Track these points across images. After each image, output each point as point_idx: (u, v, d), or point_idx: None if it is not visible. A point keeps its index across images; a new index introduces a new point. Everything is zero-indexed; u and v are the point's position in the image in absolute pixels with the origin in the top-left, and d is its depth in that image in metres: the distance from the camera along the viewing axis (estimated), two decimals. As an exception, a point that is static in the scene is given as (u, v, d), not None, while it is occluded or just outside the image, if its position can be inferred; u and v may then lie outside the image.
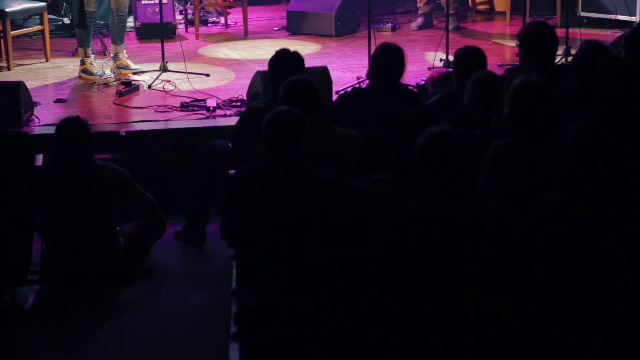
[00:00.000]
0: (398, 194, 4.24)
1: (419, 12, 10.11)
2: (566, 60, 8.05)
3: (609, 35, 9.32)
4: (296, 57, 5.84)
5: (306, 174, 4.54)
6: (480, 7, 10.63)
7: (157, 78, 8.28)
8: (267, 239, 4.50)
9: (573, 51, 7.92)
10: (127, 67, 8.58)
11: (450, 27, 9.53)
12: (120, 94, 7.94)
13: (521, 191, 4.35)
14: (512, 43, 9.15)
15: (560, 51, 5.89)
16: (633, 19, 9.50)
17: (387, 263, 3.91)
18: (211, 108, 7.52)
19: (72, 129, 5.71)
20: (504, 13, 10.30)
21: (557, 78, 5.54)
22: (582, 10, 9.89)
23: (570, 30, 8.67)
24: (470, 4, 10.54)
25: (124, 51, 8.64)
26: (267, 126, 4.55)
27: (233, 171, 4.89)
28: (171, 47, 9.01)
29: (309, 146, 4.58)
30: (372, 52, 6.48)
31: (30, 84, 7.80)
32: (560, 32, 7.28)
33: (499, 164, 4.53)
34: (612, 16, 9.68)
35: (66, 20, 10.01)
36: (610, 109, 4.81)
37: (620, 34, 8.57)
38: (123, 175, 5.86)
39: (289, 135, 4.49)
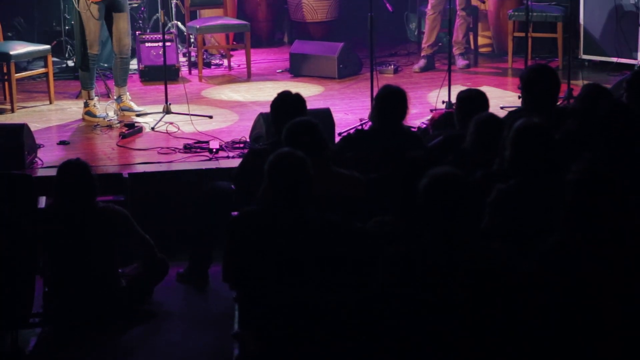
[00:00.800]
0: (400, 236, 4.24)
1: (422, 54, 10.16)
2: (568, 102, 8.07)
3: (610, 78, 9.35)
4: (298, 99, 5.85)
5: (308, 216, 4.53)
6: (482, 50, 10.68)
7: (160, 120, 8.30)
8: (269, 281, 4.49)
9: (575, 94, 7.94)
10: (130, 109, 8.61)
11: (462, 65, 9.60)
12: (123, 136, 7.96)
13: (525, 233, 4.34)
14: (514, 85, 9.18)
15: (562, 94, 5.89)
16: (634, 62, 9.54)
17: (390, 306, 3.89)
18: (214, 150, 7.54)
19: (73, 171, 5.71)
20: (506, 55, 10.34)
21: (559, 120, 5.55)
22: (584, 53, 9.93)
23: (572, 72, 8.71)
24: (472, 46, 10.58)
25: (127, 93, 8.68)
26: (269, 168, 4.55)
27: (235, 213, 4.89)
28: (174, 89, 9.04)
29: (312, 188, 4.58)
30: (374, 94, 6.50)
31: (33, 126, 7.83)
32: (562, 74, 7.31)
33: (502, 208, 4.52)
34: (614, 59, 9.72)
35: (70, 63, 10.05)
36: (612, 151, 4.81)
37: (621, 77, 8.60)
38: (124, 217, 5.86)
39: (292, 178, 4.49)
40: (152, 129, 8.20)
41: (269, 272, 4.49)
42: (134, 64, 9.83)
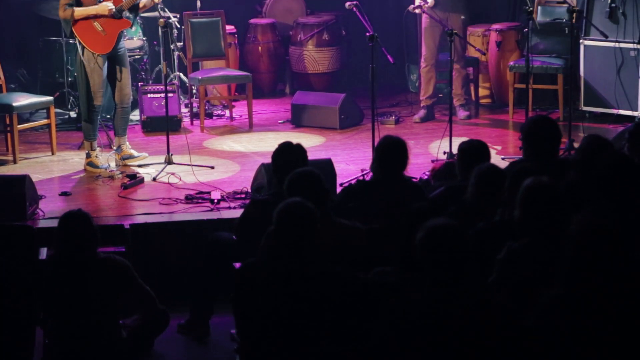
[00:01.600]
0: (402, 287, 4.23)
1: (421, 105, 10.20)
2: (569, 154, 8.08)
3: (611, 129, 9.38)
4: (299, 150, 5.87)
5: (310, 267, 4.52)
6: (483, 101, 10.72)
7: (161, 170, 8.32)
8: (272, 332, 4.47)
9: (576, 145, 7.96)
10: (131, 157, 8.62)
11: (462, 116, 9.62)
12: (125, 187, 7.97)
13: (534, 290, 4.31)
14: (515, 136, 9.20)
15: (563, 145, 5.90)
16: (635, 113, 9.57)
17: (391, 356, 3.87)
18: (215, 200, 7.54)
19: (74, 222, 5.70)
20: (506, 106, 10.38)
21: (561, 172, 5.55)
22: (585, 105, 9.96)
23: (572, 124, 8.74)
24: (473, 97, 10.62)
25: (127, 143, 8.70)
26: (279, 216, 4.53)
27: (237, 264, 4.88)
28: (176, 139, 9.07)
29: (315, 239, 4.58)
30: (375, 144, 6.51)
31: (35, 177, 7.84)
32: (562, 126, 7.33)
33: (513, 266, 4.49)
34: (615, 111, 9.75)
35: (72, 114, 10.09)
36: (613, 203, 4.80)
37: (622, 128, 8.62)
38: (125, 268, 5.83)
39: (300, 228, 4.48)
40: (154, 179, 8.21)
41: (272, 324, 4.47)
42: (136, 115, 9.87)
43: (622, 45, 9.64)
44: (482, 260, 4.50)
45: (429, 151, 8.92)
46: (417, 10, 9.73)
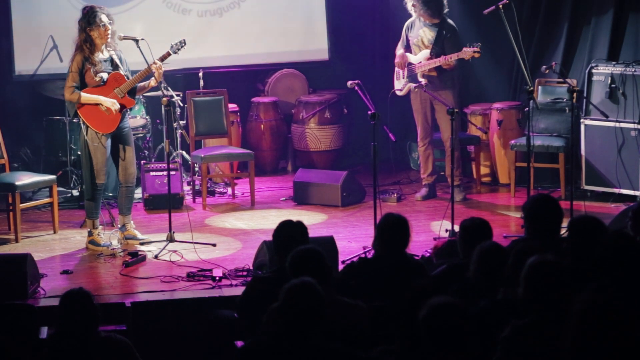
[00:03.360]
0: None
1: (423, 183, 10.23)
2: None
3: (612, 208, 9.39)
4: (300, 227, 5.88)
5: (313, 345, 4.50)
6: (484, 179, 10.75)
7: (163, 248, 8.32)
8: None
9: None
10: (134, 238, 8.63)
11: (457, 198, 9.62)
12: (126, 265, 7.96)
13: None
14: (517, 214, 9.21)
15: (565, 223, 5.90)
16: (636, 193, 9.59)
17: None
18: (217, 278, 7.53)
19: (75, 301, 5.67)
20: (508, 185, 10.41)
21: (563, 250, 5.55)
22: (586, 184, 9.97)
23: (574, 203, 8.75)
24: (474, 176, 10.66)
25: (132, 222, 8.72)
26: (287, 296, 4.49)
27: (239, 342, 4.85)
28: (178, 217, 9.08)
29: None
30: (377, 222, 6.52)
31: (37, 256, 7.83)
32: (564, 204, 7.34)
33: (517, 343, 4.45)
34: (616, 190, 9.77)
35: (75, 192, 10.12)
36: (616, 282, 4.78)
37: (624, 207, 8.62)
38: (126, 347, 5.79)
39: (307, 309, 4.45)
40: (156, 257, 8.20)
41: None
42: (138, 193, 9.89)
43: (623, 125, 9.69)
44: (484, 338, 4.47)
45: (431, 229, 8.93)
46: (415, 90, 9.81)
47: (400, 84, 9.95)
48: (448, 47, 9.72)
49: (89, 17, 8.34)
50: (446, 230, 8.47)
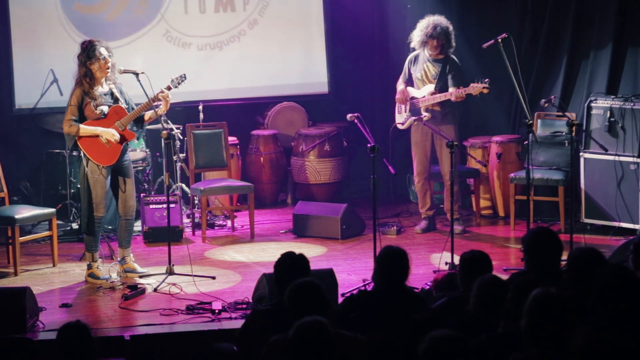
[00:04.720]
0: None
1: (422, 216, 10.22)
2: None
3: (613, 241, 9.38)
4: (301, 260, 5.87)
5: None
6: (484, 212, 10.75)
7: (163, 281, 8.30)
8: None
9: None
10: (133, 271, 8.62)
11: (457, 231, 9.61)
12: (126, 298, 7.95)
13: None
14: (517, 247, 9.20)
15: (565, 256, 5.90)
16: (636, 226, 9.58)
17: None
18: (217, 311, 7.51)
19: (72, 334, 5.66)
20: (507, 218, 10.41)
21: (563, 283, 5.53)
22: (586, 217, 9.97)
23: (574, 236, 8.74)
24: (474, 209, 10.66)
25: (131, 255, 8.71)
26: (298, 334, 4.45)
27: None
28: (178, 250, 9.07)
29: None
30: (377, 254, 6.51)
31: (36, 289, 7.82)
32: (564, 237, 7.34)
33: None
34: (616, 223, 9.76)
35: (75, 225, 10.11)
36: (616, 317, 4.76)
37: (624, 240, 8.61)
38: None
39: (318, 349, 4.42)
40: (155, 290, 8.19)
41: None
42: (137, 226, 9.88)
43: (622, 158, 9.71)
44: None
45: (431, 261, 8.91)
46: (415, 123, 9.83)
47: (402, 118, 9.98)
48: (451, 83, 9.76)
49: (88, 51, 8.37)
50: (446, 263, 8.46)
